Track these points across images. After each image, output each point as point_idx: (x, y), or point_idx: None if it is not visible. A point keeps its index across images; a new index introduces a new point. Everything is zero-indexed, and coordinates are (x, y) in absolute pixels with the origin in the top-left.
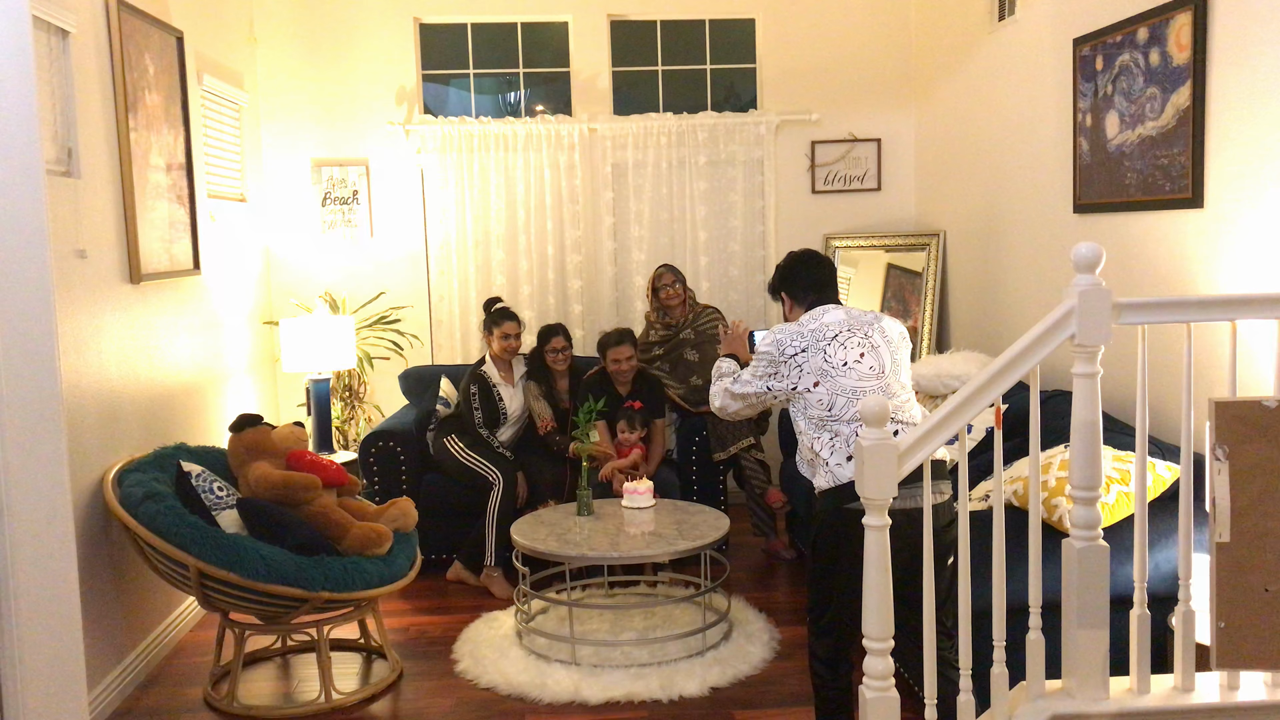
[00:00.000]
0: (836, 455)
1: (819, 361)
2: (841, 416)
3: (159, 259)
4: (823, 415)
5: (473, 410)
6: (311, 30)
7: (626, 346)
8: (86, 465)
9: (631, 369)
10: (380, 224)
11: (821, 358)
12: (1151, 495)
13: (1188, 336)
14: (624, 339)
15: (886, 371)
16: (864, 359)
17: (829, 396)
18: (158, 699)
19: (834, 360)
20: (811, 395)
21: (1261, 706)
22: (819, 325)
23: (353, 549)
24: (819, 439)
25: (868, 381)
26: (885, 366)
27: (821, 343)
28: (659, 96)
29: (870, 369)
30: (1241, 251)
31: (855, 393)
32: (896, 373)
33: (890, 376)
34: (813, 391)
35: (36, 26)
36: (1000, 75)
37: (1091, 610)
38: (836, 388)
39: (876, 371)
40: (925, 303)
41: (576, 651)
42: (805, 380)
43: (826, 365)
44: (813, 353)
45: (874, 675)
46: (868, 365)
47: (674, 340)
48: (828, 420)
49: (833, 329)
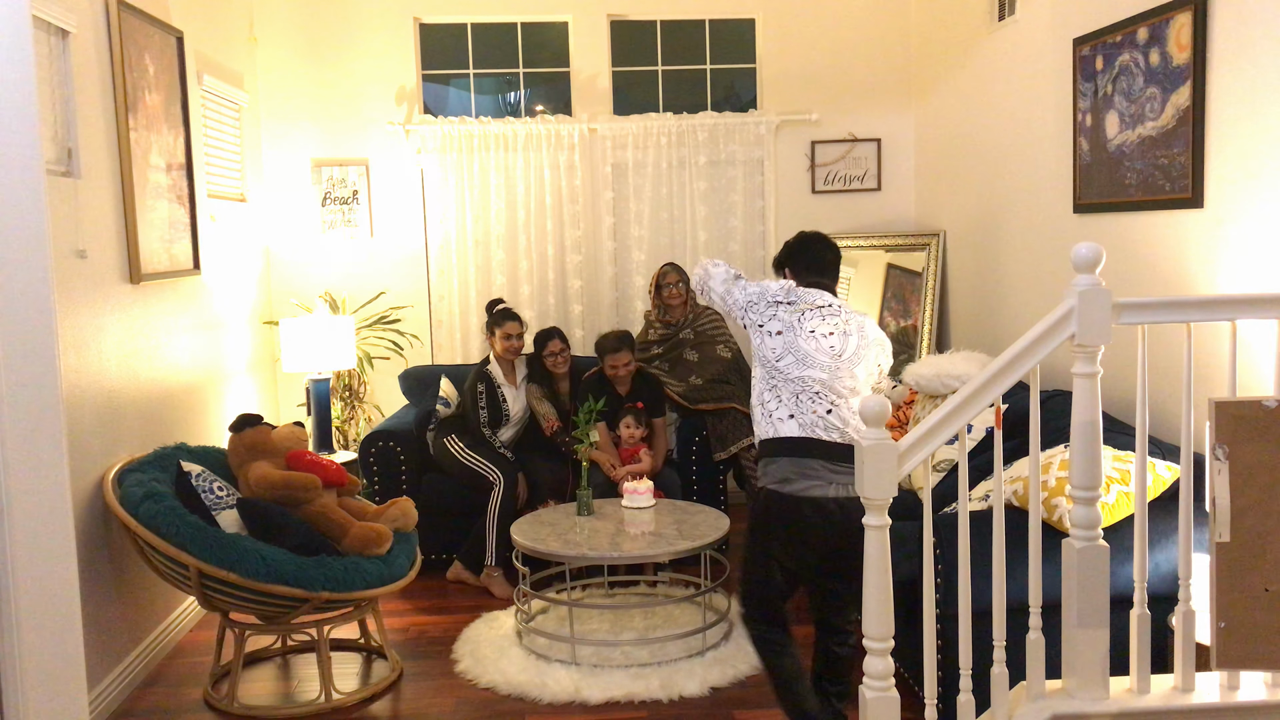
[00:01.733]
0: (782, 408)
1: (791, 318)
2: (786, 372)
3: (159, 259)
4: (771, 363)
5: (478, 409)
6: (311, 30)
7: (624, 353)
8: (86, 465)
9: (629, 373)
10: (380, 224)
11: (796, 317)
12: (1151, 495)
13: (1188, 336)
14: (621, 345)
15: (844, 357)
16: (831, 337)
17: (783, 349)
18: (158, 699)
19: (804, 324)
20: (770, 340)
21: (1261, 706)
22: (811, 295)
23: (353, 549)
24: (769, 389)
25: (823, 356)
26: (845, 353)
27: (802, 305)
28: (659, 96)
29: (831, 348)
30: (1241, 251)
31: (807, 360)
32: (853, 364)
33: (845, 364)
34: (773, 337)
35: (36, 26)
36: (1000, 75)
37: (1091, 610)
38: (793, 345)
39: (836, 352)
40: (925, 303)
41: (576, 651)
42: (772, 325)
43: (797, 325)
44: (792, 310)
45: (874, 675)
46: (829, 344)
47: (673, 340)
48: (774, 370)
49: (819, 303)
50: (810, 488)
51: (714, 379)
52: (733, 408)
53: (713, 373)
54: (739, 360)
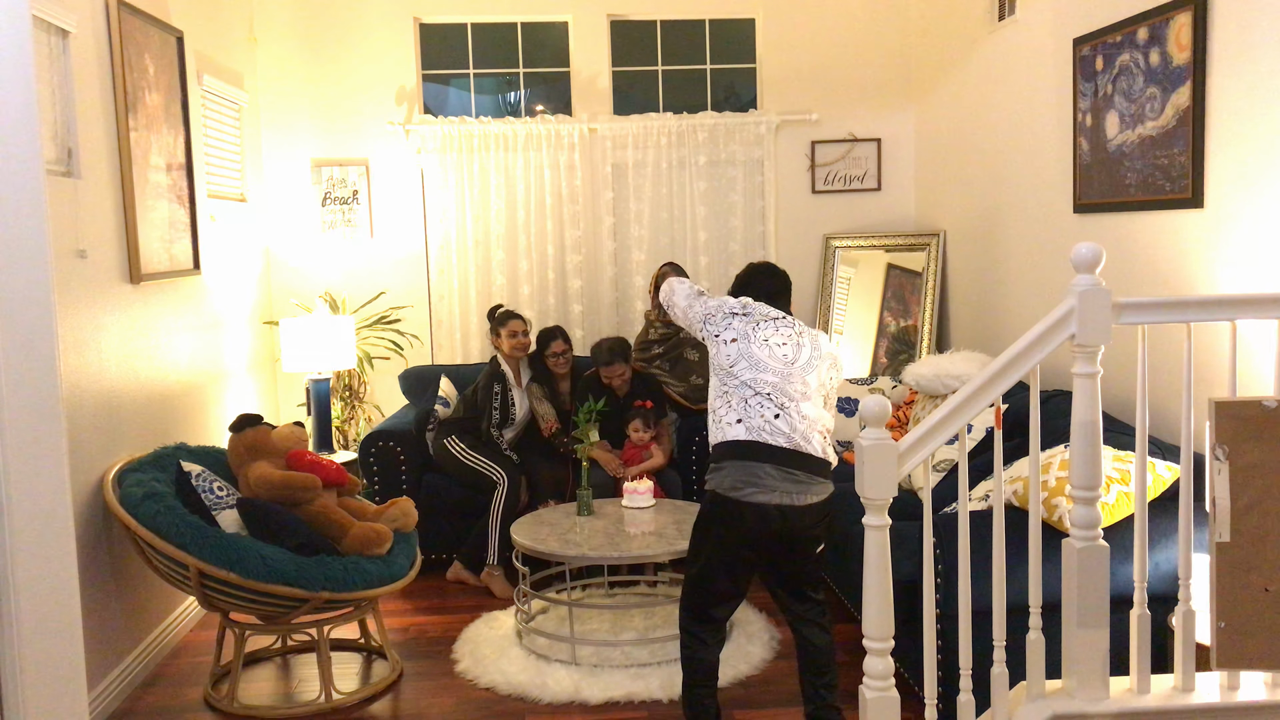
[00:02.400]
0: (730, 414)
1: (746, 328)
2: (739, 377)
3: (159, 259)
4: (725, 370)
5: (492, 409)
6: (311, 30)
7: (619, 365)
8: (86, 465)
9: (625, 381)
10: (380, 224)
11: (750, 326)
12: (1151, 495)
13: (1188, 336)
14: (615, 359)
15: (796, 365)
16: (784, 346)
17: (737, 355)
18: (158, 699)
19: (759, 334)
20: (725, 347)
21: (1261, 706)
22: (765, 309)
23: (353, 549)
24: (720, 396)
25: (776, 363)
26: (798, 361)
27: (757, 317)
28: (659, 96)
29: (784, 356)
30: (1241, 251)
31: (760, 365)
32: (805, 371)
33: (797, 370)
34: (728, 345)
35: (36, 26)
36: (1000, 75)
37: (1091, 610)
38: (747, 351)
39: (789, 360)
40: (925, 303)
41: (576, 651)
42: (727, 334)
43: (751, 334)
44: (746, 321)
45: (874, 675)
46: (782, 353)
47: (673, 339)
48: (728, 376)
49: (773, 315)
50: (754, 494)
51: None
52: None
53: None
54: None
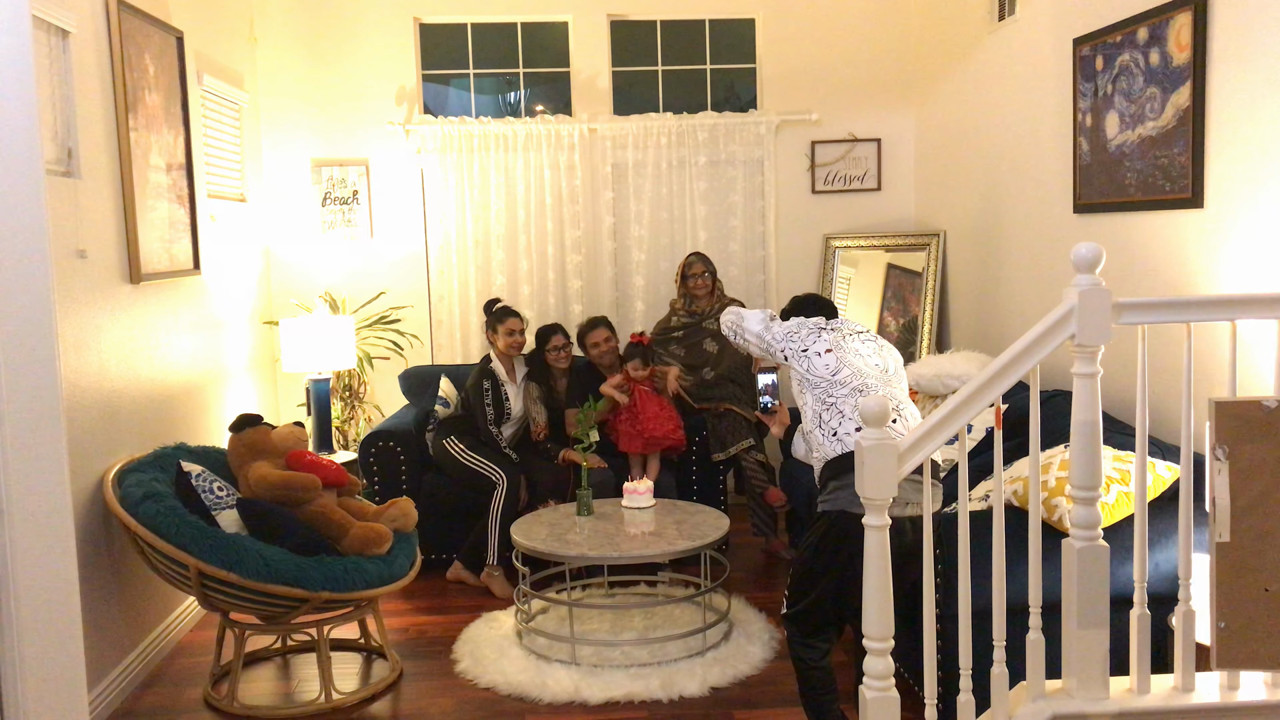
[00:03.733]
0: (848, 423)
1: (837, 339)
2: (847, 384)
3: (159, 259)
4: (828, 380)
5: (484, 406)
6: (311, 30)
7: (602, 329)
8: (86, 465)
9: (611, 349)
10: (380, 224)
11: (840, 337)
12: (1151, 495)
13: (1188, 336)
14: (597, 324)
15: (890, 373)
16: (874, 357)
17: (836, 364)
18: (158, 699)
19: (849, 344)
20: (820, 359)
21: (1261, 706)
22: (849, 324)
23: (353, 549)
24: (829, 408)
25: (874, 371)
26: (889, 370)
27: (845, 330)
28: (659, 96)
29: (877, 365)
30: (1241, 251)
31: (859, 372)
32: (899, 379)
33: (893, 379)
34: (823, 356)
35: (36, 26)
36: (1000, 75)
37: (1091, 610)
38: (844, 360)
39: (882, 369)
40: (925, 303)
41: (576, 651)
42: (818, 345)
43: (844, 344)
44: (835, 334)
45: (874, 675)
46: (875, 362)
47: (696, 327)
48: (833, 386)
49: (857, 329)
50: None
51: (725, 375)
52: (731, 409)
53: (726, 368)
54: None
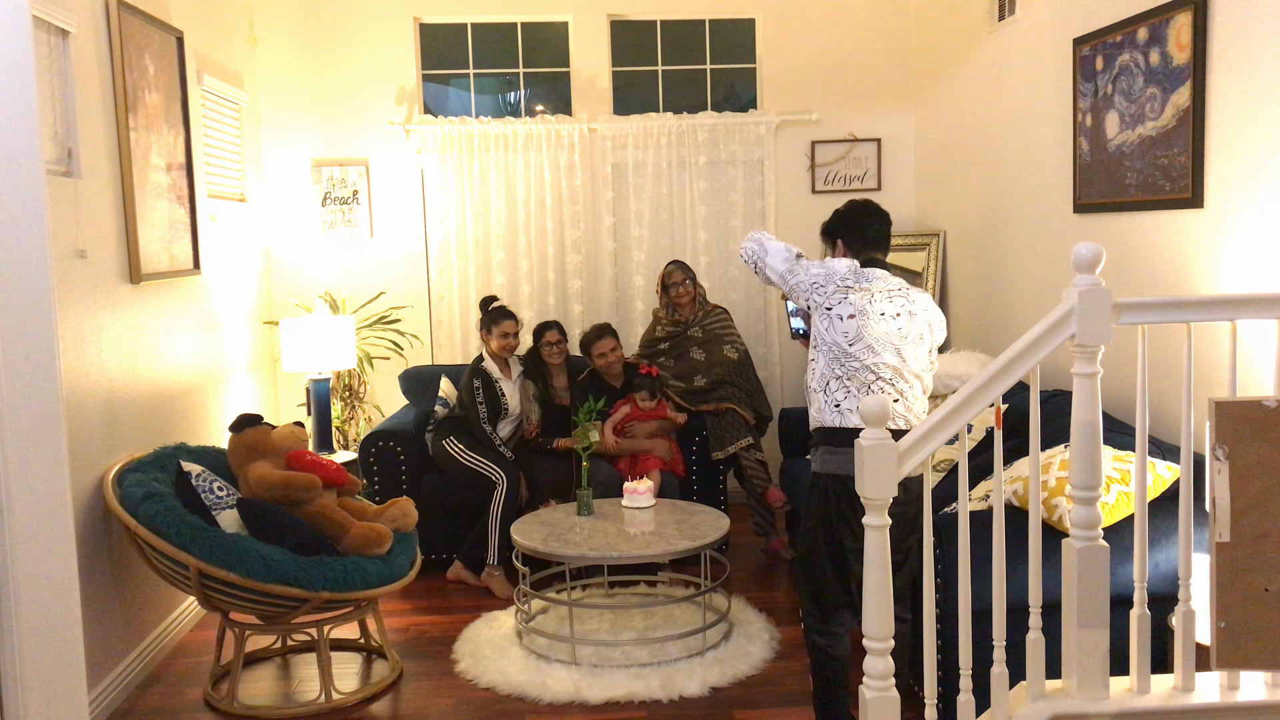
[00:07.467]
0: (850, 399)
1: (864, 303)
2: (860, 359)
3: (159, 259)
4: (843, 348)
5: (477, 404)
6: (311, 30)
7: (608, 339)
8: (86, 465)
9: (618, 359)
10: (380, 224)
11: (867, 300)
12: (1151, 495)
13: (1188, 336)
14: (603, 333)
15: (909, 339)
16: (898, 319)
17: (855, 334)
18: (158, 699)
19: (875, 306)
20: (841, 324)
21: (1261, 706)
22: (878, 277)
23: (353, 549)
24: (835, 379)
25: (892, 339)
26: (910, 334)
27: (875, 289)
28: (659, 96)
29: (899, 329)
30: (1241, 251)
31: (877, 342)
32: (916, 345)
33: (910, 345)
34: (844, 321)
35: (36, 26)
36: (1000, 75)
37: (1091, 610)
38: (866, 328)
39: (903, 334)
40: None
41: (576, 651)
42: (843, 309)
43: (868, 308)
44: (863, 295)
45: (874, 675)
46: (896, 325)
47: (681, 336)
48: (846, 356)
49: (889, 287)
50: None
51: (718, 380)
52: (731, 409)
53: (717, 375)
54: (744, 362)
